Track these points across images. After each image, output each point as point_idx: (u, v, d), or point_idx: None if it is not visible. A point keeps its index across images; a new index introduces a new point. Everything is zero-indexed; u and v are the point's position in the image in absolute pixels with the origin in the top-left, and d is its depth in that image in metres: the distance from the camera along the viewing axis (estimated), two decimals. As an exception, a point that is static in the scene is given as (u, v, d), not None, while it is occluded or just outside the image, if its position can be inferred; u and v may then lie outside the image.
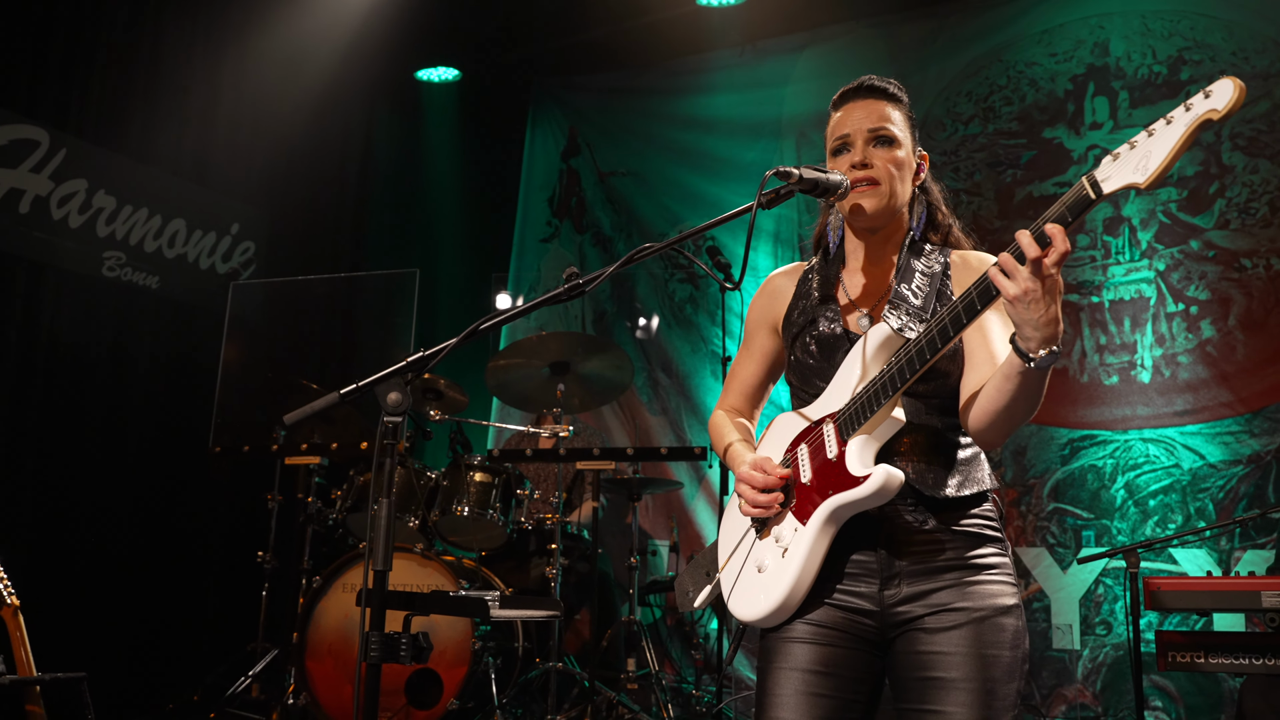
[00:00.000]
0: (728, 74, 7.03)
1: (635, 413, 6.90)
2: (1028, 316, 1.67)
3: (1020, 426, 1.86)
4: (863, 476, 1.86)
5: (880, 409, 1.87)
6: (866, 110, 2.08)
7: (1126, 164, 1.56)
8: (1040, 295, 1.64)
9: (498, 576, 4.73)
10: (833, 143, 2.10)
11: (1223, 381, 5.38)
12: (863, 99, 2.10)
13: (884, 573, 1.93)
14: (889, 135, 2.06)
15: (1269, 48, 5.56)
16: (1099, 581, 5.46)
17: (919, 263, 2.06)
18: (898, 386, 1.85)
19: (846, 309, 2.09)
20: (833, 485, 1.91)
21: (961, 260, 2.06)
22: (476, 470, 4.79)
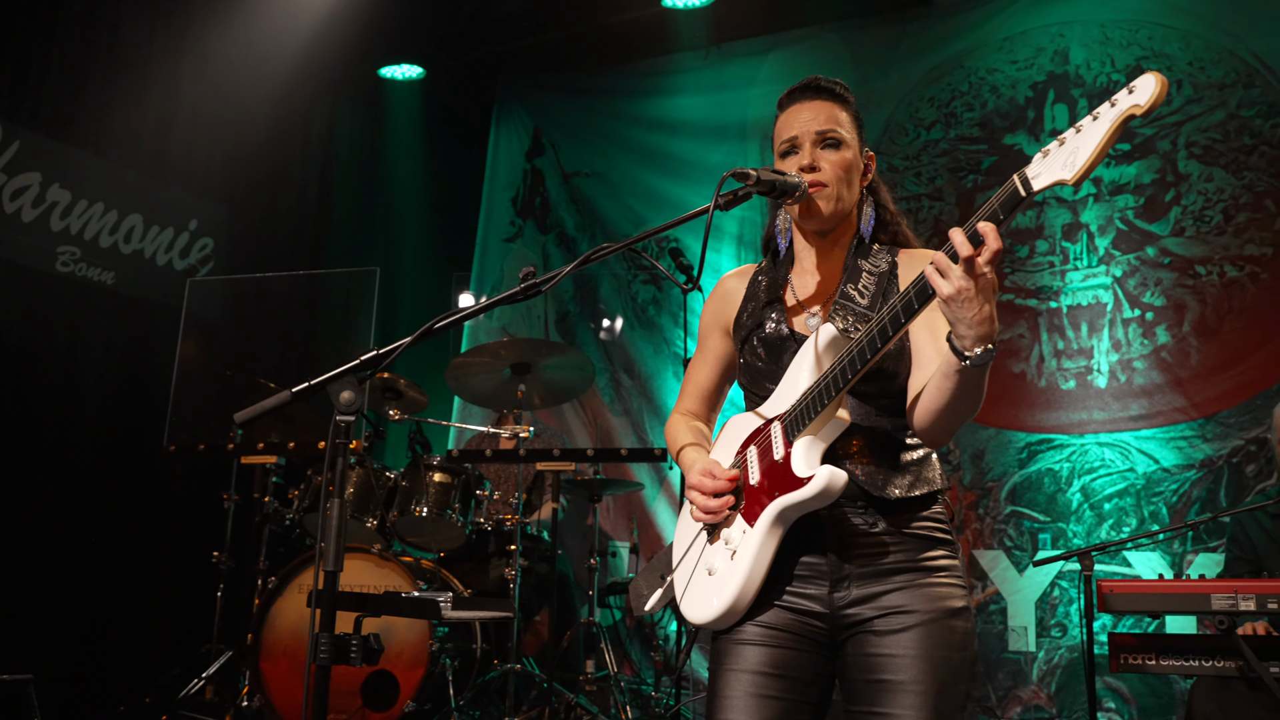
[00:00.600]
0: (693, 76, 7.05)
1: (597, 413, 6.90)
2: (962, 315, 1.67)
3: (963, 423, 1.87)
4: (807, 478, 1.86)
5: (824, 410, 1.88)
6: (814, 111, 2.08)
7: (1056, 160, 1.58)
8: (974, 294, 1.65)
9: (456, 578, 4.71)
10: (781, 145, 2.10)
11: (1177, 387, 5.47)
12: (809, 99, 2.10)
13: (833, 575, 1.94)
14: (837, 138, 2.07)
15: (1224, 58, 5.66)
16: (1055, 584, 5.53)
17: (866, 263, 2.07)
18: (840, 387, 1.86)
19: (794, 310, 2.10)
20: (779, 487, 1.91)
21: (908, 259, 2.08)
22: (436, 471, 4.77)
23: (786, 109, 2.13)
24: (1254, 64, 5.59)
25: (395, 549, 4.78)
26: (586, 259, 1.81)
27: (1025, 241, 5.89)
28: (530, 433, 4.81)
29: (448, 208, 7.61)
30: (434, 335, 1.81)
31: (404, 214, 7.52)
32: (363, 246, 7.25)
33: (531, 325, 7.27)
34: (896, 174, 6.23)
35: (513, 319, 7.29)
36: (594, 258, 1.81)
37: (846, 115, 2.10)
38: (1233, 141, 5.56)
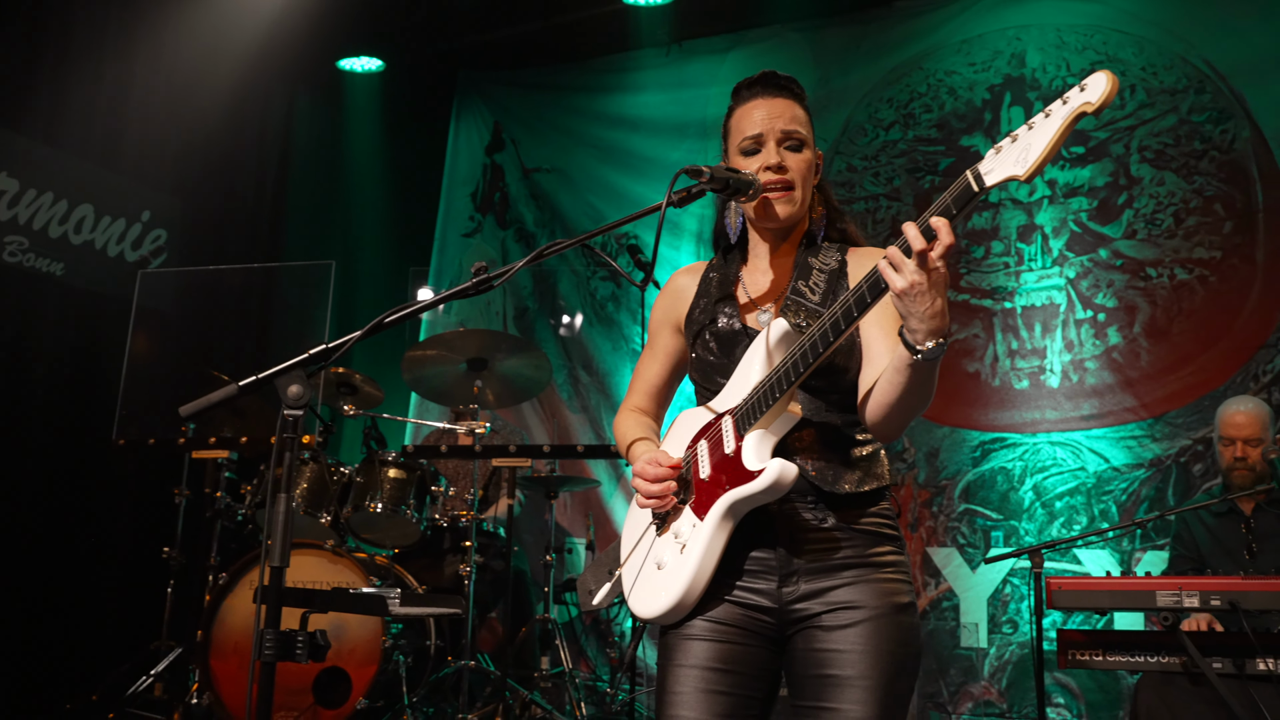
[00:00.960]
0: (654, 73, 7.06)
1: (555, 410, 6.90)
2: (914, 309, 1.68)
3: (915, 417, 1.88)
4: (757, 471, 1.88)
5: (776, 403, 1.89)
6: (775, 109, 2.08)
7: (1008, 156, 1.60)
8: (926, 288, 1.66)
9: (411, 574, 4.69)
10: (742, 141, 2.08)
11: (1127, 387, 5.56)
12: (770, 95, 2.09)
13: (782, 570, 1.95)
14: (799, 138, 2.08)
15: (1176, 64, 5.76)
16: (1006, 581, 5.60)
17: (817, 260, 2.09)
18: (792, 380, 1.87)
19: (746, 306, 2.11)
20: (729, 480, 1.92)
21: (857, 256, 2.10)
22: (391, 466, 4.74)
23: (745, 102, 2.11)
24: (1205, 70, 5.70)
25: (349, 545, 4.75)
26: (539, 254, 1.81)
27: (981, 242, 5.96)
28: (487, 429, 4.80)
29: (406, 202, 7.57)
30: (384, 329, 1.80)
31: (362, 208, 7.47)
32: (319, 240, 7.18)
33: (490, 321, 7.25)
34: (855, 174, 6.28)
35: (471, 314, 7.27)
36: (546, 253, 1.81)
37: (804, 114, 2.11)
38: (1184, 146, 5.66)
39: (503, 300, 7.27)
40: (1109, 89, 1.49)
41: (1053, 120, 1.55)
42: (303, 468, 4.76)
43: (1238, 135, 5.58)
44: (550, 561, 5.06)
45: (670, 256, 6.73)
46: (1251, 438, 4.17)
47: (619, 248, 7.02)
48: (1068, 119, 1.54)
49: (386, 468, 4.74)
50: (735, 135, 2.11)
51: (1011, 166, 1.58)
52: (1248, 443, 4.16)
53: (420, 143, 7.67)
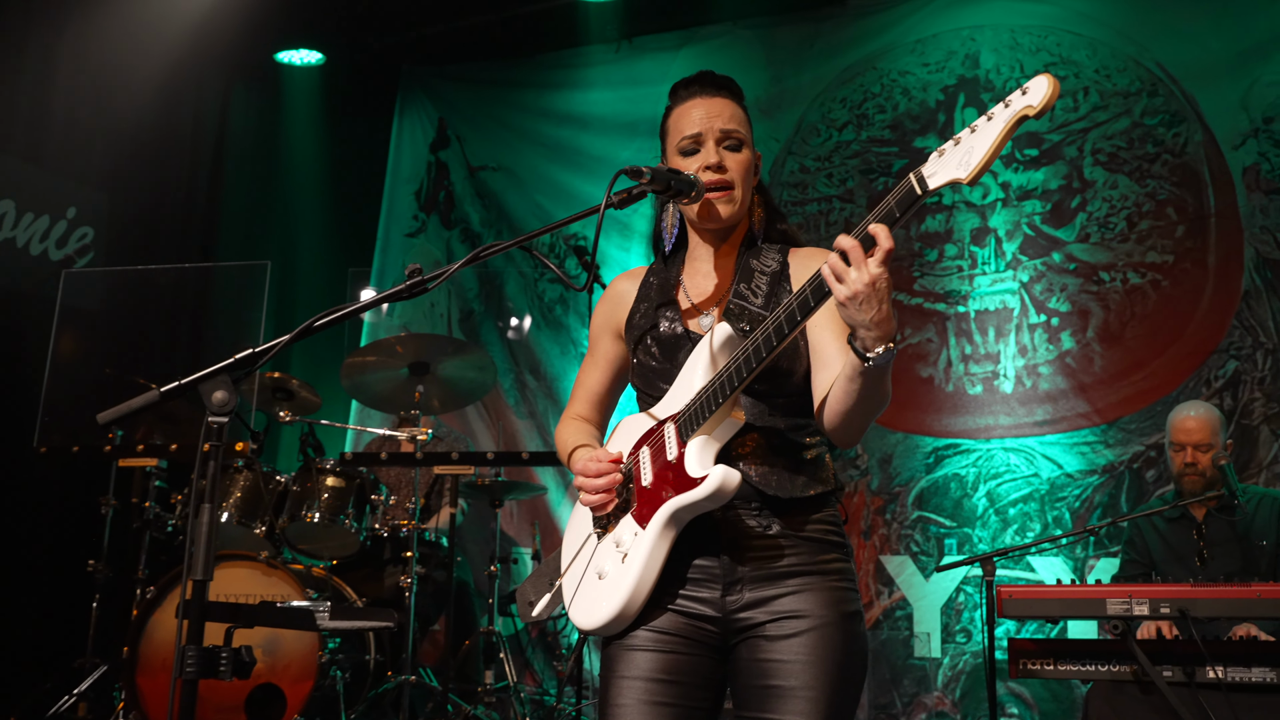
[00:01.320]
0: (604, 70, 7.07)
1: (501, 415, 6.88)
2: (859, 317, 1.71)
3: (872, 421, 1.91)
4: (700, 477, 1.89)
5: (719, 409, 1.91)
6: (714, 108, 2.10)
7: (951, 159, 1.62)
8: (870, 295, 1.68)
9: (350, 586, 4.66)
10: (681, 141, 2.09)
11: (1081, 393, 5.66)
12: (708, 95, 2.11)
13: (726, 578, 1.97)
14: (738, 138, 2.10)
15: (1129, 66, 5.88)
16: (960, 590, 5.67)
17: (758, 262, 2.11)
18: (735, 385, 1.89)
19: (688, 311, 2.12)
20: (672, 487, 1.93)
21: (798, 258, 2.12)
22: (329, 475, 4.71)
23: (683, 102, 2.13)
24: (1158, 73, 5.82)
25: (285, 556, 4.70)
26: (475, 256, 1.81)
27: (934, 245, 6.04)
28: (428, 435, 4.78)
29: (347, 200, 7.51)
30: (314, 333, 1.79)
31: (301, 206, 7.39)
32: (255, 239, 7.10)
33: (434, 324, 7.22)
34: (808, 174, 6.34)
35: (414, 317, 7.23)
36: (483, 255, 1.81)
37: (743, 113, 2.14)
38: (1136, 149, 5.78)
39: (447, 303, 7.23)
40: (1050, 92, 1.53)
41: (995, 123, 1.59)
42: (236, 476, 4.70)
43: (1190, 139, 5.70)
44: (495, 572, 5.05)
45: (620, 259, 6.74)
46: (1202, 443, 4.25)
47: (567, 249, 7.02)
48: (1009, 122, 1.57)
49: (324, 476, 4.70)
50: (674, 135, 2.12)
51: (954, 170, 1.61)
52: (1198, 448, 4.25)
53: (362, 139, 7.61)
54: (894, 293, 1.73)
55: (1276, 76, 5.58)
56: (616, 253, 6.77)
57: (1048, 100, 1.53)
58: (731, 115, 2.10)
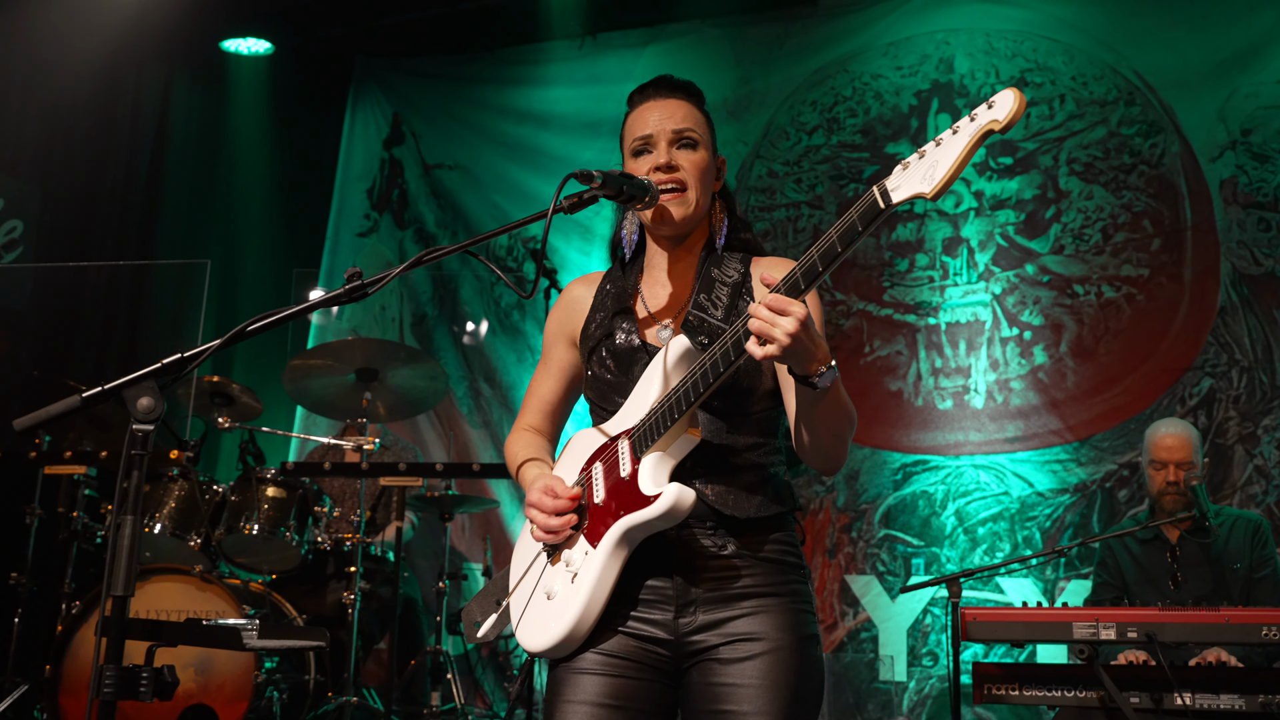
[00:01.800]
0: (566, 67, 7.07)
1: (454, 424, 6.86)
2: (793, 363, 1.79)
3: (847, 441, 1.95)
4: (654, 495, 1.89)
5: (674, 425, 1.92)
6: (668, 109, 2.12)
7: (915, 173, 1.65)
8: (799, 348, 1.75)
9: (290, 602, 4.62)
10: (633, 143, 2.13)
11: (1053, 409, 5.72)
12: (663, 97, 2.14)
13: (679, 600, 1.97)
14: (693, 138, 2.11)
15: (1107, 74, 5.96)
16: (927, 611, 5.71)
17: (719, 271, 2.12)
18: (691, 401, 1.90)
19: (645, 321, 2.13)
20: (624, 505, 1.94)
21: (760, 267, 2.13)
22: (269, 485, 4.68)
23: (638, 106, 2.16)
24: (1135, 82, 5.91)
25: (221, 571, 4.66)
26: (418, 260, 1.81)
27: (905, 255, 6.09)
28: (376, 445, 4.75)
29: (295, 197, 7.46)
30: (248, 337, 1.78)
31: (245, 202, 7.33)
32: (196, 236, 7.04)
33: (385, 328, 7.18)
34: (776, 179, 6.37)
35: (364, 321, 7.19)
36: (426, 259, 1.81)
37: (701, 115, 2.15)
38: (1113, 160, 5.86)
39: (399, 306, 7.20)
40: (1015, 108, 1.56)
41: (960, 137, 1.62)
42: (171, 485, 4.66)
43: (1167, 149, 5.79)
44: (444, 588, 5.03)
45: (581, 262, 6.74)
46: (1184, 461, 4.30)
47: (525, 252, 7.01)
48: (974, 136, 1.60)
49: (264, 486, 4.67)
50: (628, 138, 2.15)
51: (918, 183, 1.64)
52: (1180, 466, 4.29)
53: (312, 133, 7.57)
54: (863, 303, 1.79)
55: (1255, 87, 5.68)
56: (577, 256, 6.77)
57: (1013, 115, 1.56)
58: (686, 116, 2.12)
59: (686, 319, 2.04)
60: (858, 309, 6.03)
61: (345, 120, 7.55)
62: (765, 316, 1.74)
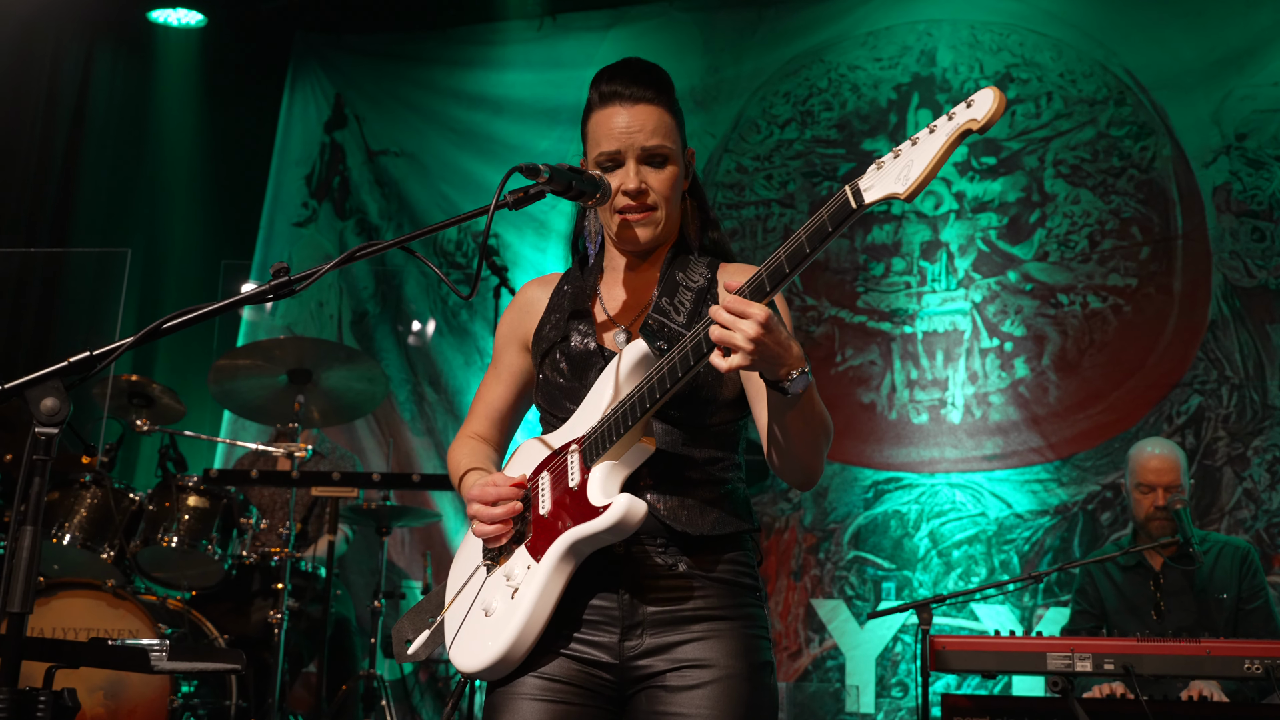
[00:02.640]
0: (523, 49, 7.08)
1: (395, 432, 6.84)
2: (763, 367, 1.80)
3: (824, 454, 1.98)
4: (602, 506, 1.91)
5: (627, 433, 1.93)
6: (637, 119, 2.09)
7: (889, 173, 1.68)
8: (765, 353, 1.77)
9: (211, 621, 4.60)
10: (598, 157, 2.10)
11: (1034, 425, 5.79)
12: (630, 103, 2.09)
13: (626, 621, 1.98)
14: (666, 153, 2.10)
15: (1096, 71, 6.04)
16: (897, 639, 5.76)
17: (684, 275, 2.14)
18: (645, 409, 1.91)
19: (603, 325, 2.14)
20: (572, 516, 1.95)
21: (727, 273, 2.15)
22: (190, 493, 4.67)
23: (605, 105, 2.12)
24: (1126, 80, 6.00)
25: (136, 586, 4.63)
26: (351, 256, 1.81)
27: (880, 258, 6.14)
28: (308, 452, 4.74)
29: (227, 183, 7.41)
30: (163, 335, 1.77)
31: (172, 187, 7.27)
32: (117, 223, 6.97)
33: (323, 326, 7.15)
34: (745, 175, 6.41)
35: (300, 317, 7.15)
36: (358, 255, 1.81)
37: (671, 119, 2.13)
38: (1101, 162, 5.94)
39: (338, 303, 7.17)
40: (995, 107, 1.60)
41: (936, 137, 1.65)
42: (83, 493, 4.63)
43: (1158, 153, 5.88)
44: (379, 608, 5.02)
45: (536, 260, 6.75)
46: (1173, 484, 4.35)
47: (476, 248, 7.00)
48: (951, 136, 1.63)
49: (185, 495, 4.66)
50: (592, 145, 2.13)
51: (892, 184, 1.67)
52: (1168, 490, 4.34)
53: (246, 114, 7.52)
54: (835, 309, 1.83)
55: (1251, 90, 5.77)
56: (531, 253, 6.77)
57: (992, 115, 1.60)
58: (656, 127, 2.09)
59: (646, 323, 2.05)
60: (829, 315, 6.08)
61: (283, 100, 7.51)
62: (725, 320, 1.75)
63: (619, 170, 2.08)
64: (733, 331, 1.75)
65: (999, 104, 1.59)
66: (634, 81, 2.11)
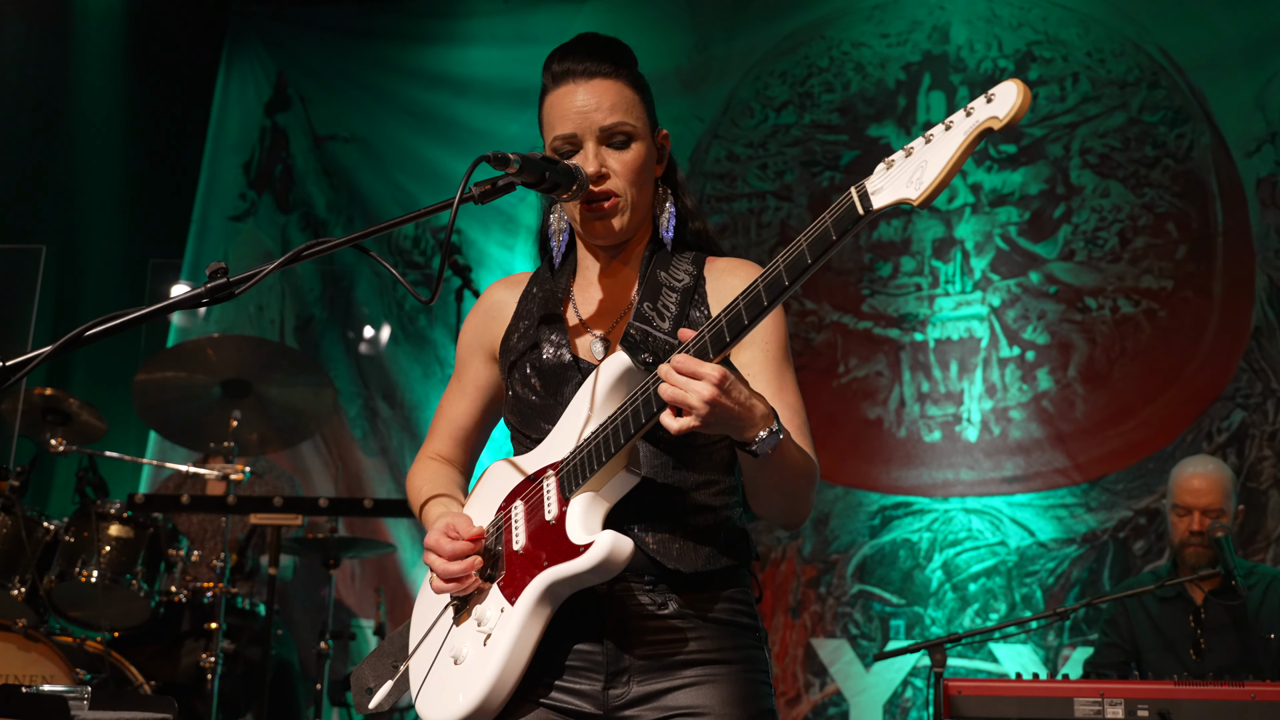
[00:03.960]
0: (489, 23, 7.10)
1: (345, 452, 6.82)
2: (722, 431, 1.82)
3: (809, 493, 1.98)
4: (584, 545, 1.90)
5: (609, 461, 1.92)
6: (593, 96, 2.09)
7: (901, 174, 1.67)
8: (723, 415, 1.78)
9: (135, 665, 4.59)
10: (554, 141, 2.10)
11: (1058, 444, 5.81)
12: (584, 79, 2.09)
13: (610, 667, 1.99)
14: (626, 131, 2.09)
15: (1127, 50, 6.08)
16: (907, 683, 5.77)
17: (667, 274, 2.13)
18: (630, 434, 1.90)
19: (577, 331, 2.14)
20: (549, 555, 1.94)
21: (717, 272, 2.14)
22: (112, 522, 4.64)
23: (555, 87, 2.12)
24: (1160, 60, 6.03)
25: (51, 626, 4.60)
26: (297, 256, 1.80)
27: (888, 258, 6.16)
28: (245, 474, 4.72)
29: (155, 173, 7.39)
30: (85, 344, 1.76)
31: (93, 177, 7.24)
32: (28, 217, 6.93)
33: (263, 331, 7.13)
34: (737, 164, 6.42)
35: (237, 322, 7.14)
36: (306, 254, 1.81)
37: (633, 95, 2.13)
38: (1133, 151, 5.98)
39: (280, 307, 7.16)
40: (1019, 102, 1.59)
41: (953, 135, 1.64)
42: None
43: (1196, 141, 5.92)
44: (326, 650, 5.00)
45: (503, 259, 6.74)
46: (1212, 507, 4.36)
47: (436, 245, 6.99)
48: (970, 135, 1.62)
49: (106, 524, 4.62)
50: (548, 131, 2.13)
51: (904, 188, 1.66)
52: (1207, 513, 4.35)
53: (176, 95, 7.51)
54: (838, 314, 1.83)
55: (1299, 71, 5.83)
56: (498, 251, 6.77)
57: (1016, 111, 1.59)
58: (615, 103, 2.09)
59: (627, 333, 2.03)
60: (831, 321, 6.09)
61: (218, 79, 7.50)
62: (676, 381, 1.78)
63: (578, 156, 2.08)
64: (685, 393, 1.77)
65: (1023, 99, 1.59)
66: (588, 55, 2.11)
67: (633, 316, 2.08)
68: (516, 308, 2.21)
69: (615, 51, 2.13)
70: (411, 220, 1.89)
